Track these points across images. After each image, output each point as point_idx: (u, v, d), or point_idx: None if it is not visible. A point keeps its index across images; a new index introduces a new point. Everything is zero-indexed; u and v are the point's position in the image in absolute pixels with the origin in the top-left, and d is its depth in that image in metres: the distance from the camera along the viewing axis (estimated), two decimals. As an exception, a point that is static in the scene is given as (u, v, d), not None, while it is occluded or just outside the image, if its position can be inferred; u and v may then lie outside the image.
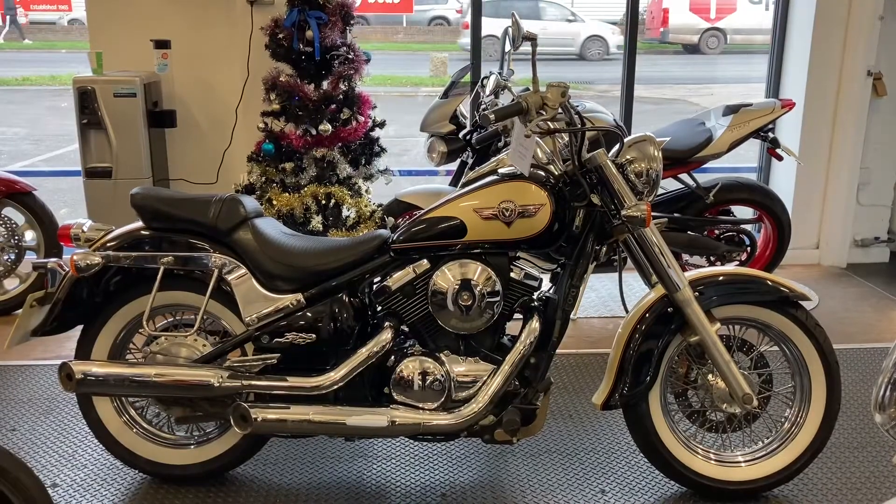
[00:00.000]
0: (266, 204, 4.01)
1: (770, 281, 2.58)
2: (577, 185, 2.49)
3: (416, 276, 2.52)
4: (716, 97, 13.67)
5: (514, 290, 2.54)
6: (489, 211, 2.44)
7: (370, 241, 2.58)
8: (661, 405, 2.60)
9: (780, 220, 4.22)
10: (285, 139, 4.07)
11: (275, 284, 2.52)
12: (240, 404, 2.46)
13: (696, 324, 2.49)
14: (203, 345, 2.61)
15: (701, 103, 13.35)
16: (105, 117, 4.19)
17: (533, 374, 2.52)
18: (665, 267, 2.48)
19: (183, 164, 4.68)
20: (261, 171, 4.14)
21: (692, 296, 2.49)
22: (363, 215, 4.09)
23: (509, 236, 2.45)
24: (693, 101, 13.48)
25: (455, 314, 2.47)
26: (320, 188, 4.02)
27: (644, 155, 2.48)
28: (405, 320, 2.55)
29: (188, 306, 2.66)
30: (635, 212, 2.37)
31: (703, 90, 14.24)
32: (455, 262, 2.48)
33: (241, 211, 2.57)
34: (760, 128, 3.98)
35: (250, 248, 2.53)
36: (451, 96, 4.09)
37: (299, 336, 2.50)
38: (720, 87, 14.84)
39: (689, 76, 15.49)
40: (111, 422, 2.69)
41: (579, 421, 3.13)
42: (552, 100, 2.31)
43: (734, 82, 15.35)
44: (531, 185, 2.45)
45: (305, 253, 2.55)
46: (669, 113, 11.73)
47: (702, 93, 14.02)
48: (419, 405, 2.49)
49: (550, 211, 2.43)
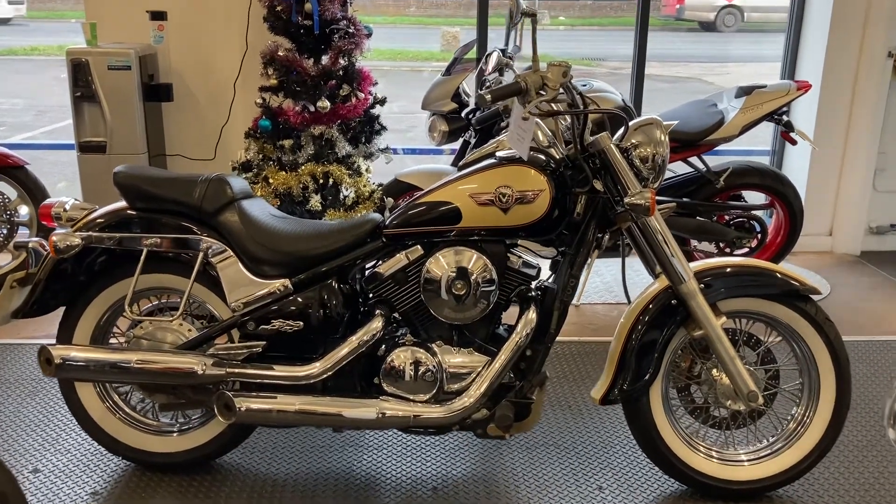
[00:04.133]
0: (263, 182, 3.91)
1: (779, 273, 2.46)
2: (579, 170, 2.37)
3: (409, 262, 2.41)
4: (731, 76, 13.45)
5: (511, 278, 2.43)
6: (485, 196, 2.32)
7: (361, 225, 2.47)
8: (662, 400, 2.50)
9: (793, 206, 4.08)
10: (283, 115, 3.95)
11: (261, 269, 2.43)
12: (223, 393, 2.37)
13: (701, 317, 2.37)
14: (188, 330, 2.52)
15: (716, 82, 13.13)
16: (99, 90, 4.07)
17: (528, 366, 2.42)
18: (669, 257, 2.36)
19: (179, 139, 4.57)
20: (258, 147, 4.03)
21: (697, 288, 2.37)
22: (362, 195, 3.98)
23: (506, 223, 2.33)
24: (708, 80, 13.25)
25: (448, 303, 2.36)
26: (318, 167, 3.90)
27: (650, 139, 2.36)
28: (397, 308, 2.45)
29: (173, 289, 2.57)
30: (639, 199, 2.26)
31: (718, 69, 14.00)
32: (449, 250, 2.37)
33: (228, 192, 2.46)
34: (774, 110, 3.83)
35: (236, 231, 2.43)
36: (454, 73, 3.95)
37: (286, 323, 2.41)
38: (736, 66, 14.59)
39: (704, 54, 15.23)
40: (93, 407, 2.61)
41: (577, 412, 3.03)
42: (553, 80, 2.19)
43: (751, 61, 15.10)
44: (530, 170, 2.33)
45: (294, 237, 2.44)
46: (683, 92, 11.53)
47: (717, 71, 13.78)
48: (410, 397, 2.39)
49: (550, 197, 2.32)
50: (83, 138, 4.18)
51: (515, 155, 2.35)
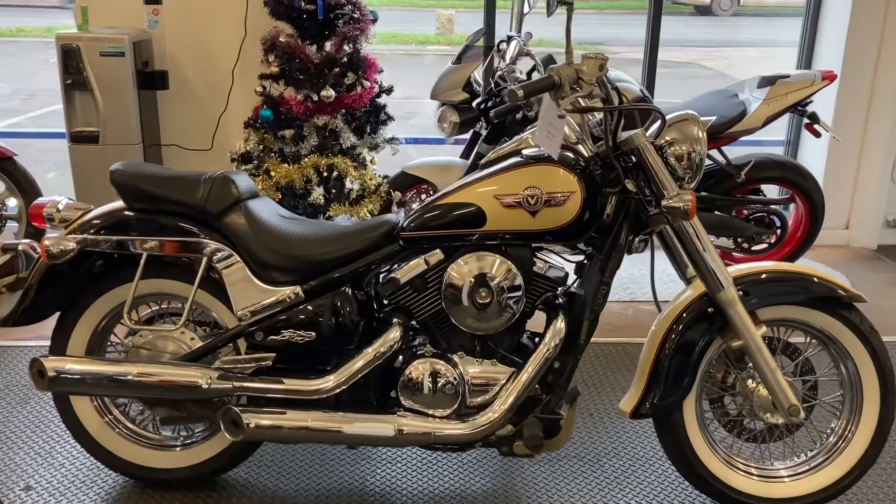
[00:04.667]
0: (264, 175, 3.74)
1: (817, 278, 2.32)
2: (610, 168, 2.21)
3: (428, 268, 2.25)
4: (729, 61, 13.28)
5: (537, 285, 2.28)
6: (512, 198, 2.16)
7: (377, 227, 2.31)
8: (696, 414, 2.36)
9: (814, 200, 3.93)
10: (284, 105, 3.79)
11: (270, 275, 2.26)
12: (230, 408, 2.21)
13: (741, 327, 2.23)
14: (191, 338, 2.36)
15: (714, 67, 12.96)
16: (91, 78, 3.88)
17: (557, 379, 2.27)
18: (708, 264, 2.21)
19: (176, 128, 4.39)
20: (258, 138, 3.86)
21: (737, 296, 2.22)
22: (368, 188, 3.82)
23: (534, 227, 2.18)
24: (706, 65, 13.09)
25: (471, 312, 2.21)
26: (322, 159, 3.74)
27: (686, 136, 2.20)
28: (415, 317, 2.29)
29: (175, 296, 2.40)
30: (677, 202, 2.10)
31: (716, 53, 13.83)
32: (472, 255, 2.21)
33: (234, 191, 2.29)
34: (799, 101, 3.67)
35: (243, 234, 2.26)
36: (465, 61, 3.77)
37: (297, 334, 2.25)
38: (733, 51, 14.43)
39: (700, 38, 15.04)
40: (90, 421, 2.45)
41: (600, 422, 2.89)
42: (588, 74, 2.02)
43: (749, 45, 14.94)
44: (559, 170, 2.17)
45: (304, 240, 2.28)
46: (682, 77, 11.38)
47: (715, 56, 13.62)
48: (429, 412, 2.24)
49: (581, 199, 2.16)
50: (74, 128, 4.00)
51: (543, 153, 2.18)
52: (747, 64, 13.00)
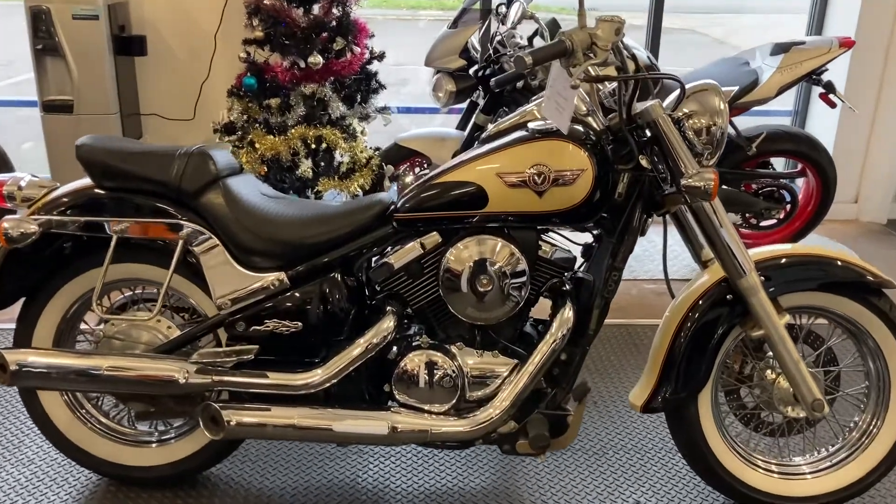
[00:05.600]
0: (248, 147, 3.53)
1: (840, 261, 2.15)
2: (623, 143, 2.02)
3: (425, 252, 2.07)
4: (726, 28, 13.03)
5: (543, 270, 2.10)
6: (516, 176, 1.97)
7: (368, 208, 2.12)
8: (711, 407, 2.20)
9: (826, 173, 3.76)
10: (269, 72, 3.56)
11: (252, 260, 2.08)
12: (210, 404, 2.04)
13: (763, 316, 2.06)
14: (168, 327, 2.18)
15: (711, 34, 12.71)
16: (63, 43, 3.65)
17: (563, 372, 2.10)
18: (730, 248, 2.03)
19: (155, 97, 4.16)
20: (242, 107, 3.64)
21: (759, 283, 2.05)
22: (358, 161, 3.61)
23: (540, 208, 1.99)
24: (704, 32, 12.84)
25: (470, 301, 2.03)
26: (309, 130, 3.53)
27: (706, 108, 2.01)
28: (410, 305, 2.11)
29: (149, 281, 2.21)
30: (698, 181, 1.91)
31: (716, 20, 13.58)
32: (472, 238, 2.03)
33: (212, 168, 2.09)
34: (814, 70, 3.48)
35: (222, 215, 2.07)
36: (461, 25, 3.56)
37: (282, 324, 2.07)
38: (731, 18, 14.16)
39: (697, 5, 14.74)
40: (59, 416, 2.27)
41: (605, 411, 2.73)
42: (604, 39, 1.82)
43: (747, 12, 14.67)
44: (569, 145, 1.98)
45: (289, 222, 2.09)
46: (683, 44, 11.13)
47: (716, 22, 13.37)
48: (426, 407, 2.07)
49: (592, 177, 1.97)
50: (47, 97, 3.77)
51: (552, 127, 1.99)
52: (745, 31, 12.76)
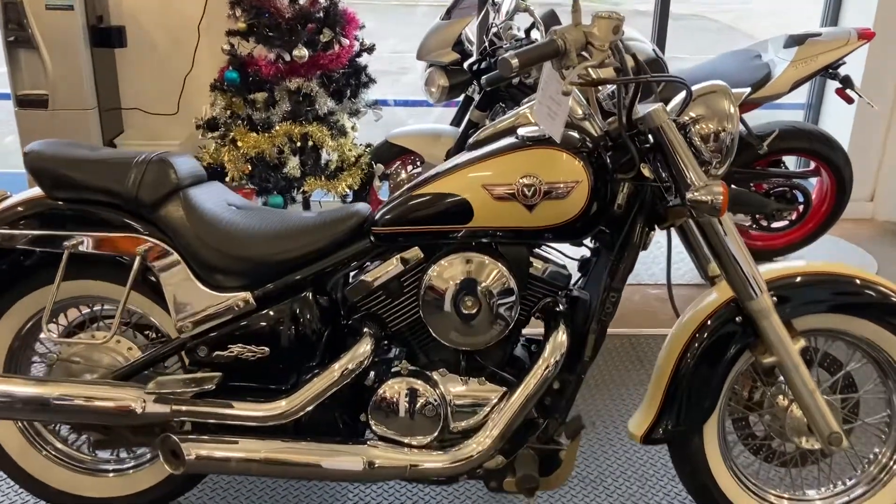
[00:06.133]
0: (230, 145, 3.35)
1: (860, 280, 1.96)
2: (623, 150, 1.83)
3: (405, 269, 1.89)
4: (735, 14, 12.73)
5: (535, 289, 1.92)
6: (504, 189, 1.79)
7: (344, 220, 1.93)
8: (717, 436, 2.02)
9: (842, 173, 3.56)
10: (253, 65, 3.38)
11: (215, 278, 1.90)
12: (169, 437, 1.87)
13: (775, 342, 1.87)
14: (129, 348, 2.01)
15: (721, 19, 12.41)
16: (36, 35, 3.47)
17: (556, 402, 1.92)
18: (740, 267, 1.84)
19: (137, 91, 3.98)
20: (226, 102, 3.46)
21: (771, 305, 1.86)
22: (347, 160, 3.44)
23: (530, 224, 1.80)
24: (713, 17, 12.54)
25: (454, 325, 1.85)
26: (295, 127, 3.34)
27: (714, 112, 1.81)
28: (389, 326, 1.93)
29: (107, 298, 2.04)
30: (705, 195, 1.72)
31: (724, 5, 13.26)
32: (457, 256, 1.84)
33: (172, 177, 1.91)
34: (830, 63, 3.28)
35: (181, 229, 1.89)
36: (455, 16, 3.36)
37: (247, 349, 1.89)
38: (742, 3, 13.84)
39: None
40: (11, 442, 2.10)
41: (605, 433, 2.55)
42: (600, 38, 1.63)
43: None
44: (562, 154, 1.79)
45: (255, 236, 1.91)
46: (692, 30, 10.84)
47: (723, 9, 13.05)
48: (406, 440, 1.90)
49: (588, 190, 1.78)
50: (21, 91, 3.60)
51: (543, 134, 1.80)
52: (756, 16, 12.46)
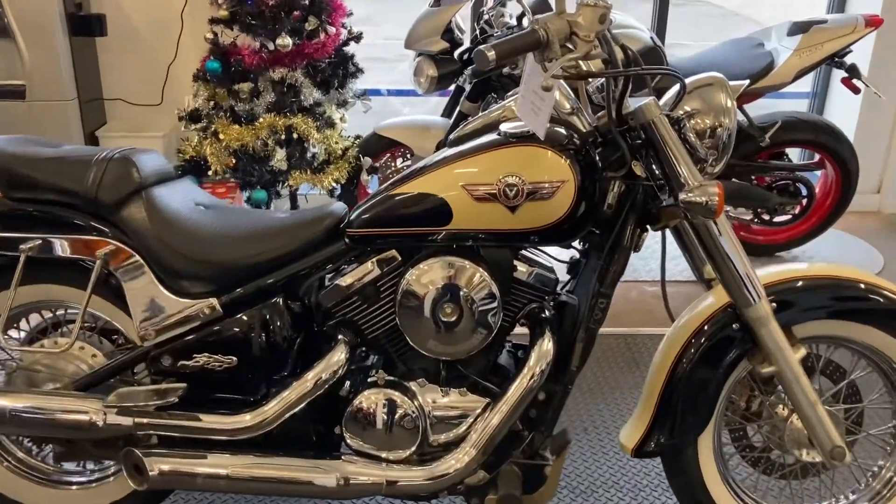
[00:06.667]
0: (212, 138, 3.24)
1: (864, 284, 1.84)
2: (613, 146, 1.72)
3: (381, 273, 1.78)
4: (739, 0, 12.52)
5: (520, 294, 1.81)
6: (485, 189, 1.67)
7: (317, 221, 1.82)
8: (713, 448, 1.91)
9: (848, 166, 3.44)
10: (236, 55, 3.26)
11: (179, 284, 1.79)
12: (132, 451, 1.77)
13: (774, 351, 1.76)
14: (93, 355, 1.91)
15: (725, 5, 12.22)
16: (11, 22, 3.35)
17: (541, 414, 1.81)
18: (736, 271, 1.73)
19: (119, 81, 3.86)
20: (209, 93, 3.35)
21: (770, 312, 1.75)
22: (333, 153, 3.32)
23: (513, 226, 1.69)
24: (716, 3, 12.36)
25: (433, 333, 1.74)
26: (279, 118, 3.23)
27: (711, 106, 1.69)
28: (365, 334, 1.82)
29: (68, 304, 1.94)
30: (699, 196, 1.61)
31: (727, -10, 13.06)
32: (436, 260, 1.73)
33: (134, 176, 1.80)
34: (836, 52, 3.15)
35: (143, 231, 1.78)
36: (445, 3, 3.23)
37: (214, 358, 1.79)
38: (747, -12, 13.62)
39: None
40: (-28, 454, 2.01)
41: (597, 439, 2.45)
42: (585, 28, 1.51)
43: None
44: (547, 152, 1.67)
45: (222, 238, 1.80)
46: (694, 17, 10.68)
47: (727, -7, 12.84)
48: (383, 455, 1.80)
49: (575, 190, 1.67)
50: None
51: (527, 130, 1.69)
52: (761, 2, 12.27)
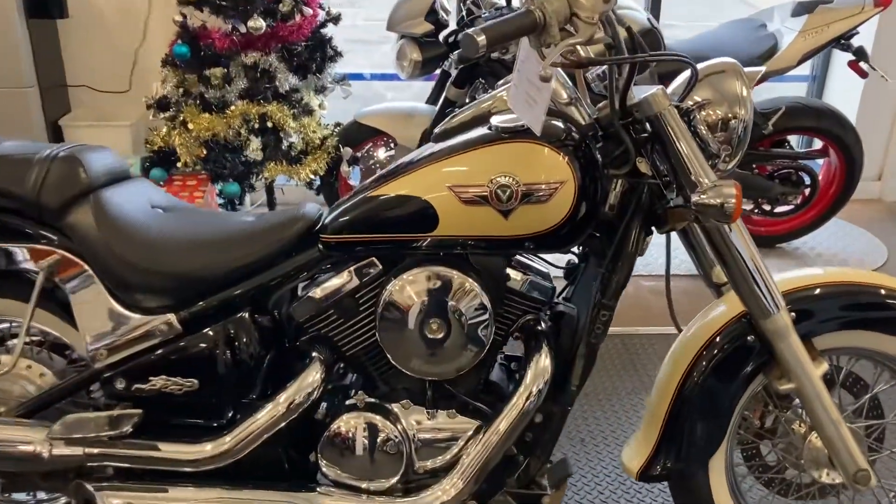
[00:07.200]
0: (181, 128, 3.03)
1: (886, 290, 1.67)
2: (615, 141, 1.54)
3: (360, 284, 1.60)
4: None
5: (513, 305, 1.63)
6: (474, 191, 1.49)
7: (288, 225, 1.63)
8: (725, 470, 1.75)
9: (852, 153, 3.27)
10: (205, 38, 3.05)
11: (132, 297, 1.60)
12: (81, 485, 1.59)
13: (795, 367, 1.59)
14: (41, 374, 1.73)
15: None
16: (-37, 4, 3.13)
17: (538, 438, 1.64)
18: (753, 279, 1.56)
19: (84, 66, 3.64)
20: (178, 79, 3.14)
21: (790, 323, 1.58)
22: (311, 143, 3.12)
23: (506, 232, 1.51)
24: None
25: (418, 352, 1.57)
26: (252, 106, 3.02)
27: (724, 96, 1.51)
28: (342, 350, 1.64)
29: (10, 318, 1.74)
30: (714, 198, 1.42)
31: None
32: (420, 270, 1.55)
33: (81, 176, 1.61)
34: (843, 34, 2.98)
35: (90, 238, 1.59)
36: (429, -18, 3.03)
37: (173, 381, 1.60)
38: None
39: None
40: None
41: (595, 452, 2.29)
42: (588, 9, 1.31)
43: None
44: (544, 149, 1.49)
45: (180, 245, 1.61)
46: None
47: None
48: (363, 485, 1.62)
49: (575, 191, 1.49)
50: (-51, 67, 3.26)
51: (520, 124, 1.50)
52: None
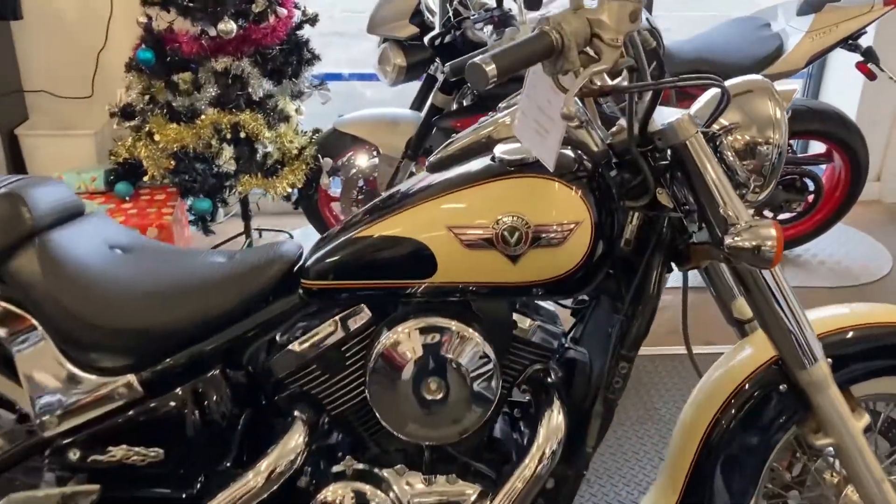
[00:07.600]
0: (147, 139, 2.81)
1: None
2: (633, 169, 1.36)
3: (347, 335, 1.41)
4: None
5: (520, 355, 1.45)
6: (477, 233, 1.30)
7: (263, 269, 1.44)
8: (752, 527, 1.59)
9: (858, 157, 3.12)
10: (172, 42, 2.83)
11: (85, 356, 1.40)
12: (31, 571, 1.39)
13: (835, 422, 1.43)
14: (-15, 436, 1.52)
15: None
16: None
17: (550, 501, 1.47)
18: (788, 325, 1.39)
19: (42, 70, 3.40)
20: (144, 85, 2.92)
21: (830, 375, 1.42)
22: (288, 153, 2.91)
23: (514, 279, 1.33)
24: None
25: (413, 415, 1.38)
26: (224, 115, 2.81)
27: (753, 118, 1.33)
28: (328, 410, 1.46)
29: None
30: (749, 240, 1.24)
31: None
32: (415, 322, 1.36)
33: (24, 216, 1.40)
34: (852, 34, 2.82)
35: (37, 289, 1.38)
36: (412, -20, 2.83)
37: (135, 452, 1.41)
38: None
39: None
40: None
41: (602, 493, 2.12)
42: (612, 29, 1.13)
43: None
44: (555, 184, 1.31)
45: (139, 296, 1.41)
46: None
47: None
48: (352, 563, 1.44)
49: (591, 231, 1.31)
50: None
51: (528, 157, 1.32)
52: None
